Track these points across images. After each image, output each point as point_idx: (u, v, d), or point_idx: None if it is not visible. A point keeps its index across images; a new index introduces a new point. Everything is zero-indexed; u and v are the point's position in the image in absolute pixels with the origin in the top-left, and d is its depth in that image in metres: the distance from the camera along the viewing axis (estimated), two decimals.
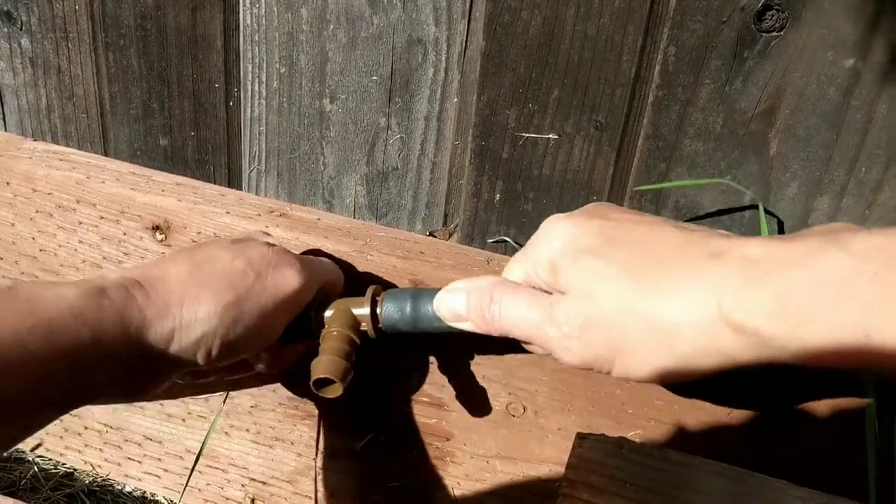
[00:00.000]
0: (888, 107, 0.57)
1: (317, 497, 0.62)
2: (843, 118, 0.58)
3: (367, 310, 0.51)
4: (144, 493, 0.86)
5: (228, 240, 0.52)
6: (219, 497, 0.68)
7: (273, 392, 0.64)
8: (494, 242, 0.70)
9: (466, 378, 0.60)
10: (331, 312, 0.52)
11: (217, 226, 0.61)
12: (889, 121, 0.57)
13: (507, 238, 0.69)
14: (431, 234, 0.72)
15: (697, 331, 0.35)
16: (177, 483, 0.68)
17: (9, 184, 0.66)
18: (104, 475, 0.71)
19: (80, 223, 0.64)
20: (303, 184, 0.74)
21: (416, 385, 0.61)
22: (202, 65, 0.72)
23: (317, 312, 0.52)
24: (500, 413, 0.59)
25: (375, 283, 0.53)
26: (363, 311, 0.51)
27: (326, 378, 0.48)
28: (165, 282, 0.45)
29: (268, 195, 0.75)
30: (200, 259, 0.48)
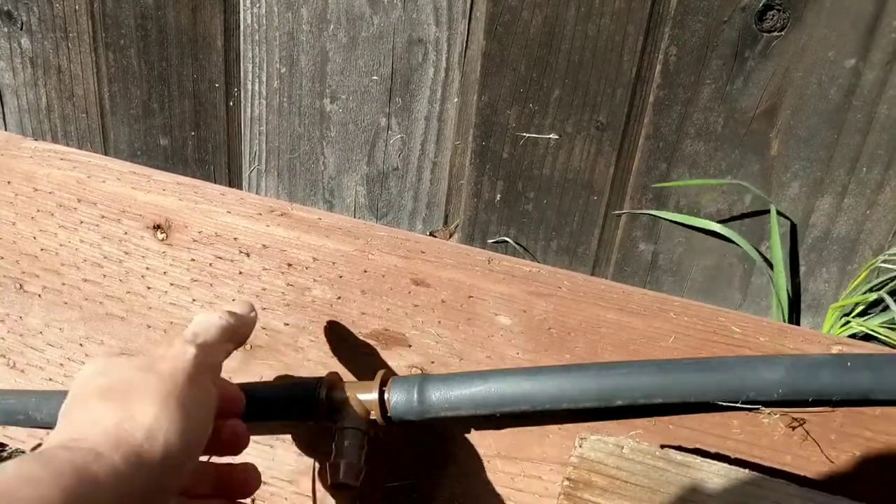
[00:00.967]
0: (889, 107, 0.57)
1: (316, 497, 0.62)
2: (844, 118, 0.58)
3: (376, 395, 0.52)
4: None
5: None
6: None
7: None
8: (495, 243, 0.70)
9: None
10: (342, 398, 0.53)
11: (218, 225, 0.61)
12: (890, 121, 0.57)
13: (508, 238, 0.69)
14: (432, 234, 0.72)
15: None
16: None
17: (10, 183, 0.66)
18: None
19: (82, 222, 0.64)
20: (303, 184, 0.74)
21: None
22: (202, 65, 0.72)
23: (327, 393, 0.53)
24: None
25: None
26: (371, 397, 0.52)
27: (346, 483, 0.50)
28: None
29: (268, 195, 0.75)
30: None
